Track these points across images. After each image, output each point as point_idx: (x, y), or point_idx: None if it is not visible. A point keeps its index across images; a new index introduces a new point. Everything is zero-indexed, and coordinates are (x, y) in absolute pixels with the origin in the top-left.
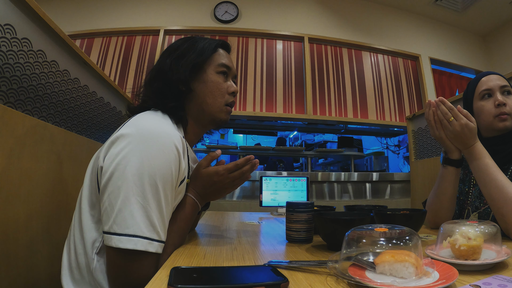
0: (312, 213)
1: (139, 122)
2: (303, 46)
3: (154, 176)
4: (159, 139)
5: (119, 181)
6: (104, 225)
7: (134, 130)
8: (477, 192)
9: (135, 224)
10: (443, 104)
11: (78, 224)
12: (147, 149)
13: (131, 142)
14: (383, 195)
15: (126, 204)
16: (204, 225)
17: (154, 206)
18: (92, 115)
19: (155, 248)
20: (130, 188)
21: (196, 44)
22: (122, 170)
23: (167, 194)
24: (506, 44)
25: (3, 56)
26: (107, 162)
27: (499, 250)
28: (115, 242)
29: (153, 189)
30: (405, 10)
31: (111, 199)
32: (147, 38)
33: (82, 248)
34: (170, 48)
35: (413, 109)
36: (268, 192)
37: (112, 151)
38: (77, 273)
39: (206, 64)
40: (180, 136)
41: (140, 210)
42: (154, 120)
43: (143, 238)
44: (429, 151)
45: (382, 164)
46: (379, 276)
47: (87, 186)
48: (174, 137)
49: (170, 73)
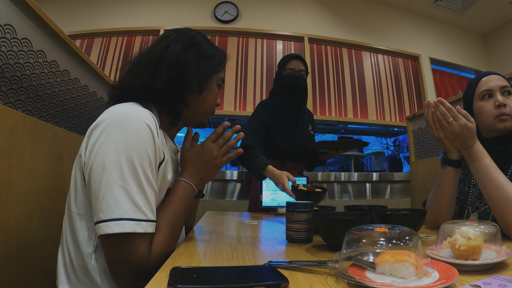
0: (312, 213)
1: (111, 109)
2: (303, 46)
3: (130, 158)
4: (129, 121)
5: (98, 170)
6: (94, 217)
7: (106, 117)
8: (477, 192)
9: (119, 207)
10: (442, 105)
11: (69, 228)
12: (120, 132)
13: (105, 129)
14: (383, 195)
15: (107, 189)
16: (204, 225)
17: (135, 187)
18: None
19: (143, 228)
20: (109, 174)
21: (214, 49)
22: (100, 159)
23: (146, 173)
24: (506, 44)
25: (3, 56)
26: (87, 155)
27: (499, 250)
28: (103, 229)
29: (131, 169)
30: (405, 10)
31: (94, 189)
32: (147, 38)
33: (77, 251)
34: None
35: (413, 109)
36: (268, 192)
37: (90, 143)
38: (73, 277)
39: (216, 74)
40: (150, 114)
41: (122, 192)
42: (125, 105)
43: (129, 220)
44: (429, 151)
45: (383, 164)
46: (379, 276)
47: (73, 187)
48: (144, 115)
49: (190, 68)
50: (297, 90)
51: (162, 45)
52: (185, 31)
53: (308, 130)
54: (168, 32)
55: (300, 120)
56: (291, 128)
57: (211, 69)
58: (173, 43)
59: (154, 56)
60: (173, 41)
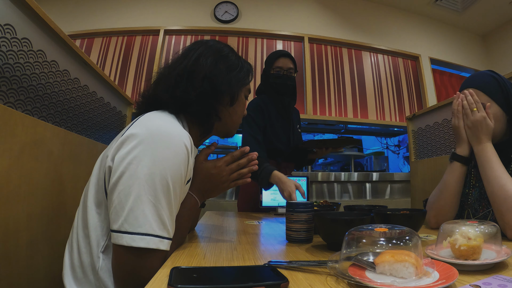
0: (312, 213)
1: (149, 122)
2: (303, 46)
3: (165, 176)
4: (170, 139)
5: (130, 180)
6: (113, 224)
7: (144, 130)
8: (477, 194)
9: (147, 223)
10: (471, 96)
11: (83, 223)
12: (158, 149)
13: (142, 142)
14: (383, 195)
15: (138, 203)
16: (204, 225)
17: (165, 205)
18: (92, 115)
19: (165, 246)
20: (141, 187)
21: (242, 61)
22: (134, 169)
23: (176, 193)
24: (506, 44)
25: (3, 56)
26: (117, 161)
27: (499, 250)
28: (127, 241)
29: (165, 188)
30: (405, 10)
31: (121, 198)
32: (147, 38)
33: (86, 247)
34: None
35: (413, 109)
36: (268, 192)
37: (122, 151)
38: (80, 272)
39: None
40: (188, 136)
41: (152, 209)
42: (163, 120)
43: (155, 236)
44: (429, 151)
45: (382, 164)
46: (379, 276)
47: (93, 184)
48: (183, 136)
49: (221, 81)
50: (286, 90)
51: (192, 57)
52: (213, 44)
53: (297, 129)
54: (195, 45)
55: (290, 119)
56: (284, 128)
57: (241, 81)
58: (203, 56)
59: (186, 68)
60: (202, 54)
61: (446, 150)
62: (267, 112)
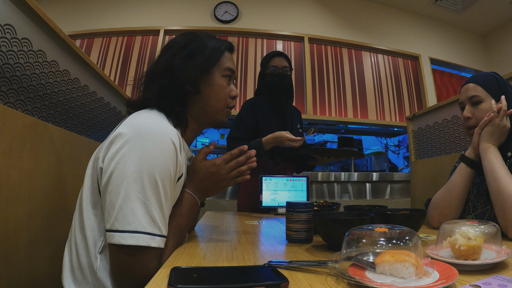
0: (312, 213)
1: (135, 121)
2: (303, 46)
3: (153, 173)
4: (156, 136)
5: (118, 179)
6: (106, 224)
7: (130, 129)
8: (476, 192)
9: (137, 220)
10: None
11: (79, 224)
12: (145, 146)
13: (129, 141)
14: (383, 195)
15: (126, 201)
16: (204, 225)
17: (154, 202)
18: (92, 115)
19: (157, 243)
20: (130, 186)
21: (205, 44)
22: (121, 168)
23: (166, 189)
24: (506, 44)
25: (3, 56)
26: (106, 162)
27: (499, 250)
28: (118, 239)
29: (153, 185)
30: (405, 10)
31: (111, 197)
32: (147, 38)
33: (84, 249)
34: (176, 44)
35: (413, 109)
36: (268, 192)
37: (110, 151)
38: (79, 274)
39: (214, 67)
40: (176, 132)
41: (140, 206)
42: (150, 117)
43: (145, 233)
44: (429, 151)
45: (383, 164)
46: (379, 276)
47: (88, 186)
48: (170, 133)
49: (179, 71)
50: (282, 87)
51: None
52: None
53: (297, 129)
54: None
55: (287, 118)
56: (280, 127)
57: (202, 65)
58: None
59: (150, 69)
60: (163, 51)
61: (446, 150)
62: (259, 108)
